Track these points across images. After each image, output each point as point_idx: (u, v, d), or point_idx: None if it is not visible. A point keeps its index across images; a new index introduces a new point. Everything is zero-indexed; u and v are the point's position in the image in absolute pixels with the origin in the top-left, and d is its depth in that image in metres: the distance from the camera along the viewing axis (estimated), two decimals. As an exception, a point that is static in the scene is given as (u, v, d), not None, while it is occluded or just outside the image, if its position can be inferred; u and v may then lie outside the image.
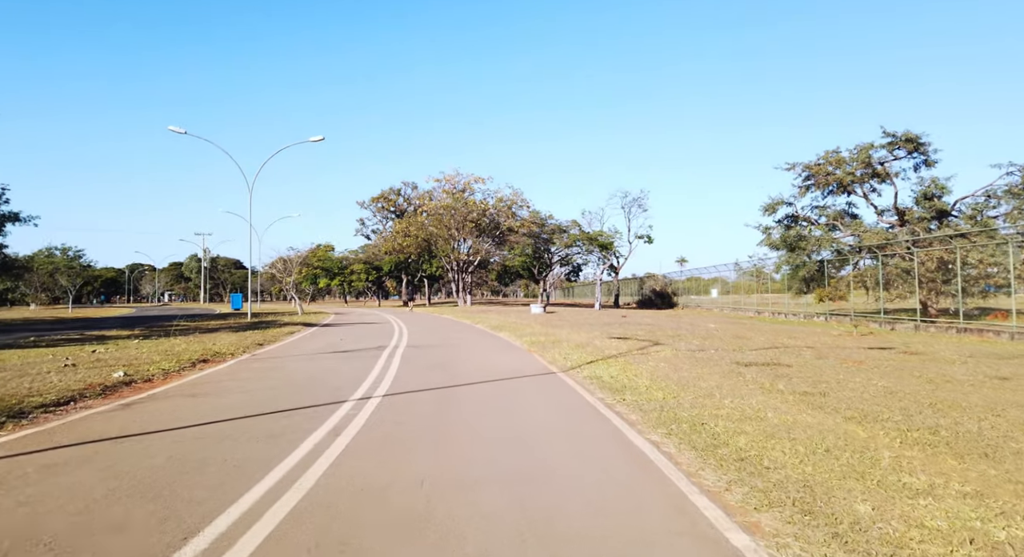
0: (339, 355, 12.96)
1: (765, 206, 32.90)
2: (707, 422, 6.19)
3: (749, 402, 7.19)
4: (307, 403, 7.36)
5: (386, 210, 63.07)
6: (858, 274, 24.86)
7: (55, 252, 79.92)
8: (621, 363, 10.88)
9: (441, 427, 6.11)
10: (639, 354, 12.35)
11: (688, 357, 11.80)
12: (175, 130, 28.35)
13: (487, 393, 8.24)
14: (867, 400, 7.34)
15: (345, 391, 8.27)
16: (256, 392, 8.19)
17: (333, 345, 15.31)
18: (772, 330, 20.48)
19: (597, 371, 10.11)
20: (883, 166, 27.93)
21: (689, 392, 7.93)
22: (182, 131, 28.51)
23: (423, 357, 12.64)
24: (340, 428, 6.03)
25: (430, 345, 15.45)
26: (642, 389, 8.29)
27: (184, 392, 8.19)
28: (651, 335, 17.38)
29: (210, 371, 10.32)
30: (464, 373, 10.20)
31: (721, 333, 18.48)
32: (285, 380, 9.30)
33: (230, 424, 6.24)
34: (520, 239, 52.46)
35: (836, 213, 30.74)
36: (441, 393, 8.20)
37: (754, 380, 8.92)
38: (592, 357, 11.94)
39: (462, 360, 12.15)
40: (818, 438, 5.46)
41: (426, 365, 11.28)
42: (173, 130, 28.33)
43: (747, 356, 12.09)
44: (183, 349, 13.11)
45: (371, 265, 69.37)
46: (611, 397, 7.94)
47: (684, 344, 14.56)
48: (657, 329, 20.05)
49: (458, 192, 51.72)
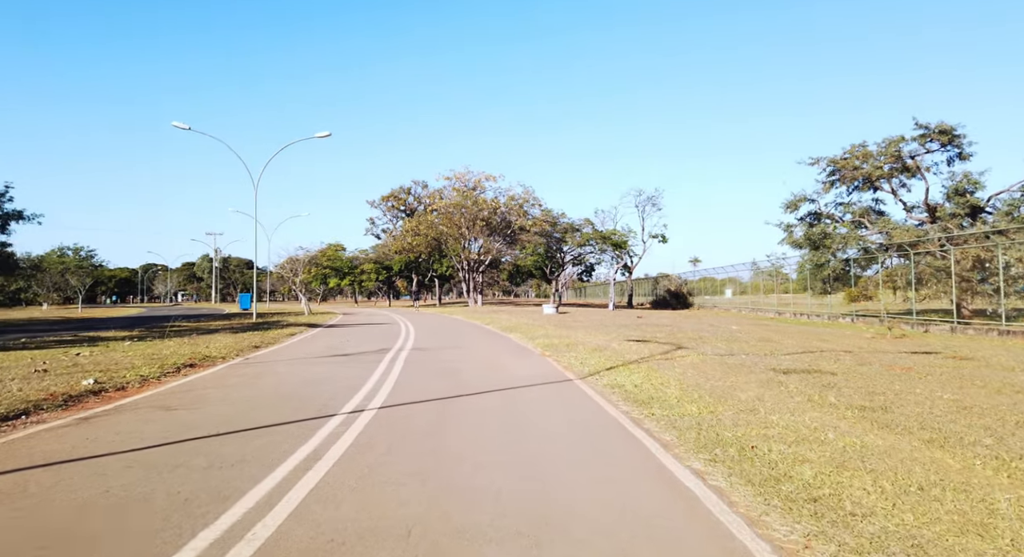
0: (338, 359, 12.07)
1: (787, 203, 31.67)
2: (758, 445, 5.18)
3: (801, 419, 6.17)
4: (291, 418, 6.44)
5: (396, 209, 62.34)
6: (888, 273, 23.59)
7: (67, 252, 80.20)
8: (644, 370, 9.87)
9: (440, 451, 5.16)
10: (663, 359, 11.33)
11: (717, 363, 10.76)
12: (179, 126, 27.73)
13: (495, 406, 7.28)
14: (938, 417, 6.29)
15: (336, 402, 7.34)
16: (237, 403, 7.29)
17: (334, 348, 14.43)
18: (799, 332, 19.33)
19: (618, 379, 9.12)
20: (914, 160, 26.61)
21: (727, 405, 6.91)
22: (186, 127, 27.89)
23: (428, 361, 11.71)
24: (321, 451, 5.10)
25: (436, 348, 14.53)
26: (672, 401, 7.29)
27: (156, 403, 7.31)
28: (672, 338, 16.33)
29: (194, 378, 9.46)
30: (471, 381, 9.25)
31: (746, 335, 17.37)
32: (273, 389, 8.41)
33: (195, 444, 5.34)
34: (532, 238, 51.43)
35: (862, 210, 29.44)
36: (443, 406, 7.25)
37: (799, 391, 7.88)
38: (611, 362, 10.93)
39: (469, 365, 11.21)
40: (903, 470, 4.43)
41: (430, 371, 10.35)
42: (177, 126, 27.71)
43: (782, 362, 11.03)
44: (171, 352, 12.28)
45: (381, 265, 68.71)
46: (637, 411, 6.95)
47: (710, 348, 13.51)
48: (677, 331, 18.98)
49: (468, 190, 50.81)
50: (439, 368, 10.69)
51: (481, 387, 8.58)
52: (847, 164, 28.15)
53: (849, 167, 27.86)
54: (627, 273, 53.86)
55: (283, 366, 10.86)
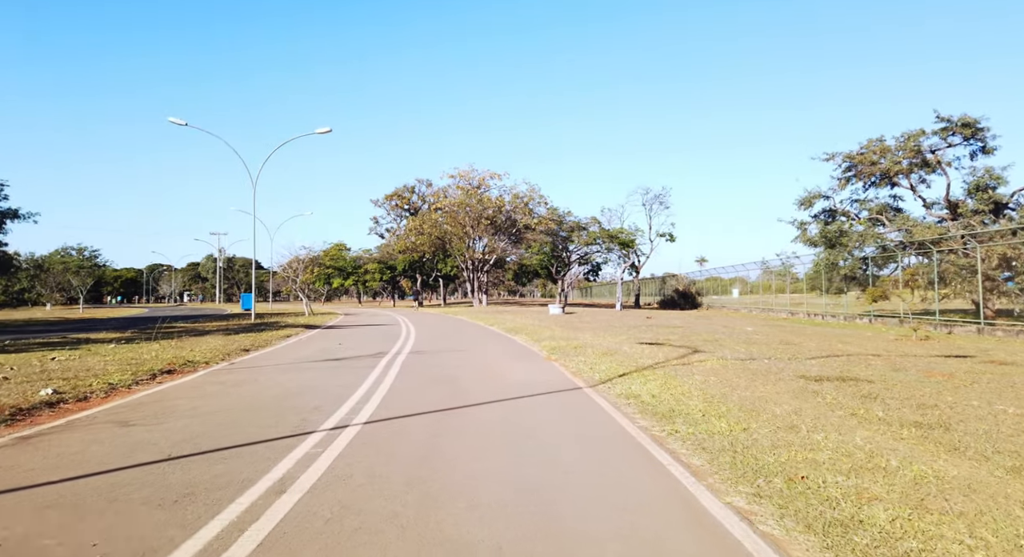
0: (330, 364, 11.27)
1: (801, 200, 30.71)
2: (808, 475, 4.33)
3: (851, 439, 5.30)
4: (263, 436, 5.63)
5: (400, 208, 61.58)
6: (910, 272, 22.59)
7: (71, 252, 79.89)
8: (660, 377, 9.01)
9: (429, 483, 4.33)
10: (679, 365, 10.46)
11: (740, 369, 9.88)
12: (176, 121, 27.06)
13: (497, 420, 6.45)
14: (1011, 437, 5.41)
15: (319, 416, 6.53)
16: (207, 417, 6.49)
17: (328, 351, 13.63)
18: (817, 334, 18.40)
19: (633, 387, 8.27)
20: (935, 154, 25.60)
21: (762, 421, 6.05)
22: (183, 123, 27.22)
23: (426, 367, 10.89)
24: (287, 481, 4.28)
25: (437, 351, 13.72)
26: (696, 415, 6.43)
27: (116, 417, 6.51)
28: (686, 340, 15.44)
29: (168, 386, 8.67)
30: (471, 389, 8.42)
31: (763, 338, 16.47)
32: (252, 399, 7.60)
33: (141, 472, 4.53)
34: (537, 237, 50.56)
35: (880, 206, 28.42)
36: (438, 420, 6.42)
37: (837, 402, 7.01)
38: (624, 368, 10.08)
39: (470, 371, 10.38)
40: (1000, 512, 3.57)
41: (427, 378, 9.52)
42: (174, 121, 27.04)
43: (809, 368, 10.14)
44: (153, 356, 11.52)
45: (385, 264, 68.02)
46: (658, 426, 6.11)
47: (728, 351, 12.62)
48: (690, 333, 18.09)
49: (473, 188, 49.99)
50: (437, 374, 9.87)
51: (481, 397, 7.75)
52: (864, 159, 27.16)
53: (866, 162, 26.87)
54: (634, 273, 52.91)
55: (269, 372, 10.05)
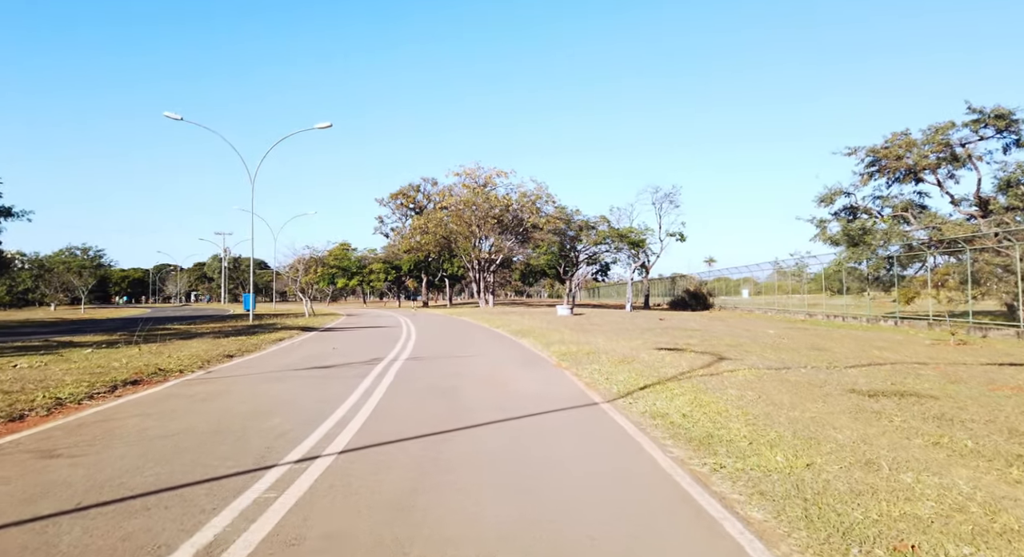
0: (317, 372, 10.20)
1: (820, 196, 29.42)
2: (918, 542, 3.19)
3: (952, 483, 4.15)
4: (209, 472, 4.55)
5: (405, 207, 60.54)
6: (941, 272, 21.31)
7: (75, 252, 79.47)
8: (688, 390, 7.87)
9: (408, 546, 3.22)
10: (707, 375, 9.31)
11: (777, 380, 8.72)
12: (171, 116, 26.15)
13: (500, 449, 5.34)
14: None
15: (285, 443, 5.45)
16: (152, 444, 5.42)
17: (318, 357, 12.57)
18: (846, 338, 17.16)
19: (658, 403, 7.14)
20: (965, 148, 24.27)
21: (826, 453, 4.91)
22: (178, 117, 26.32)
23: (423, 376, 9.79)
24: (215, 551, 3.19)
25: (437, 356, 12.63)
26: (741, 442, 5.30)
27: (43, 445, 5.45)
28: (707, 345, 14.27)
29: (125, 401, 7.61)
30: (471, 405, 7.32)
31: (790, 342, 15.27)
32: (215, 419, 6.52)
33: (24, 532, 3.45)
34: (545, 236, 49.37)
35: (904, 203, 27.10)
36: (429, 449, 5.31)
37: (909, 427, 5.85)
38: (644, 379, 8.94)
39: (472, 381, 9.27)
40: None
41: (423, 390, 8.42)
42: (169, 116, 26.13)
43: (854, 379, 8.96)
44: (123, 364, 10.48)
45: (390, 264, 67.10)
46: (697, 458, 4.98)
47: (756, 359, 11.46)
48: (709, 336, 16.90)
49: (479, 187, 48.88)
50: (435, 386, 8.76)
51: (483, 415, 6.64)
52: (889, 154, 25.84)
53: (892, 157, 25.55)
54: (644, 273, 51.65)
55: (246, 383, 8.98)
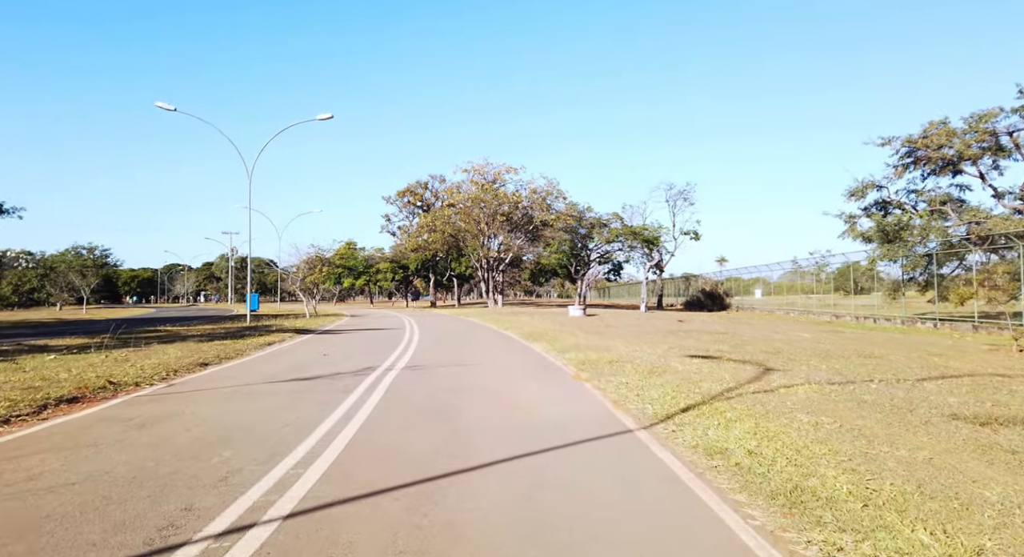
0: (296, 386, 8.74)
1: (850, 190, 27.67)
2: None
3: None
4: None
5: (412, 205, 59.16)
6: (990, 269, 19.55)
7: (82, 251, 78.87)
8: (744, 413, 6.33)
9: None
10: (759, 392, 7.75)
11: (850, 401, 7.14)
12: (163, 106, 24.88)
13: (510, 508, 3.84)
14: None
15: (218, 497, 3.98)
16: (26, 503, 3.96)
17: (304, 365, 11.12)
18: (891, 343, 15.47)
19: (711, 432, 5.62)
20: (1013, 136, 22.43)
21: (989, 525, 3.36)
22: (171, 108, 25.05)
23: (419, 391, 8.30)
24: None
25: (438, 365, 11.14)
26: (849, 501, 3.77)
27: None
28: (741, 351, 12.69)
29: (45, 427, 6.17)
30: (473, 433, 5.82)
31: (832, 347, 13.64)
32: (142, 456, 5.06)
33: None
34: (556, 234, 47.76)
35: (943, 197, 25.29)
36: (413, 508, 3.82)
37: (1072, 476, 4.27)
38: (685, 396, 7.40)
39: (476, 398, 7.78)
40: None
41: (416, 410, 6.94)
42: (161, 106, 24.86)
43: (941, 398, 7.36)
44: (72, 376, 9.05)
45: (398, 264, 65.78)
46: (794, 530, 3.46)
47: (807, 370, 9.86)
48: (740, 341, 15.29)
49: (487, 183, 47.34)
50: (431, 405, 7.27)
51: (488, 451, 5.14)
52: (928, 143, 24.05)
53: (932, 146, 23.75)
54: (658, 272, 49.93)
55: (206, 401, 7.53)
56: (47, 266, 66.72)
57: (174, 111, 25.15)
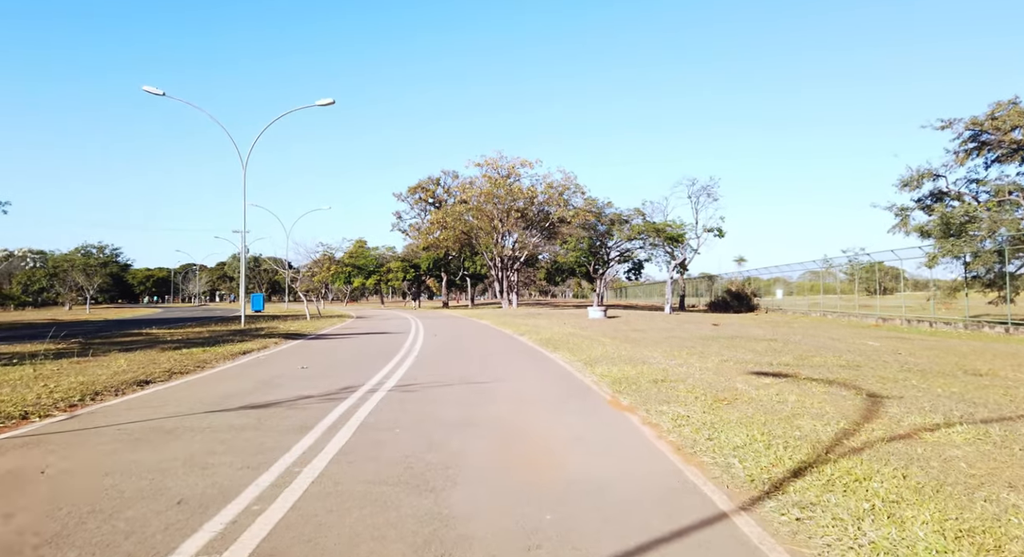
0: (240, 419, 6.52)
1: (904, 180, 24.96)
2: None
3: None
4: None
5: (424, 202, 57.03)
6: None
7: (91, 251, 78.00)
8: (903, 487, 3.98)
9: None
10: (890, 437, 5.36)
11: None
12: (152, 91, 22.97)
13: None
14: None
15: None
16: None
17: (267, 385, 8.91)
18: (982, 354, 12.89)
19: (866, 527, 3.27)
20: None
21: None
22: (160, 92, 23.13)
23: (403, 429, 6.02)
24: None
25: (437, 383, 8.89)
26: None
27: None
28: (814, 367, 10.25)
29: None
30: (471, 524, 3.53)
31: (919, 361, 11.15)
32: None
33: None
34: (573, 231, 45.28)
35: (1012, 185, 22.51)
36: None
37: None
38: (786, 447, 5.05)
39: (483, 442, 5.49)
40: None
41: (393, 467, 4.66)
42: (149, 91, 22.95)
43: None
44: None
45: (409, 263, 63.82)
46: None
47: (922, 397, 7.43)
48: (804, 352, 12.83)
49: (501, 178, 45.02)
50: (413, 457, 5.00)
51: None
52: (997, 125, 21.31)
53: (1003, 128, 21.01)
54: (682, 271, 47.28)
55: (94, 448, 5.33)
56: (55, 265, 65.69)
57: (163, 95, 23.23)
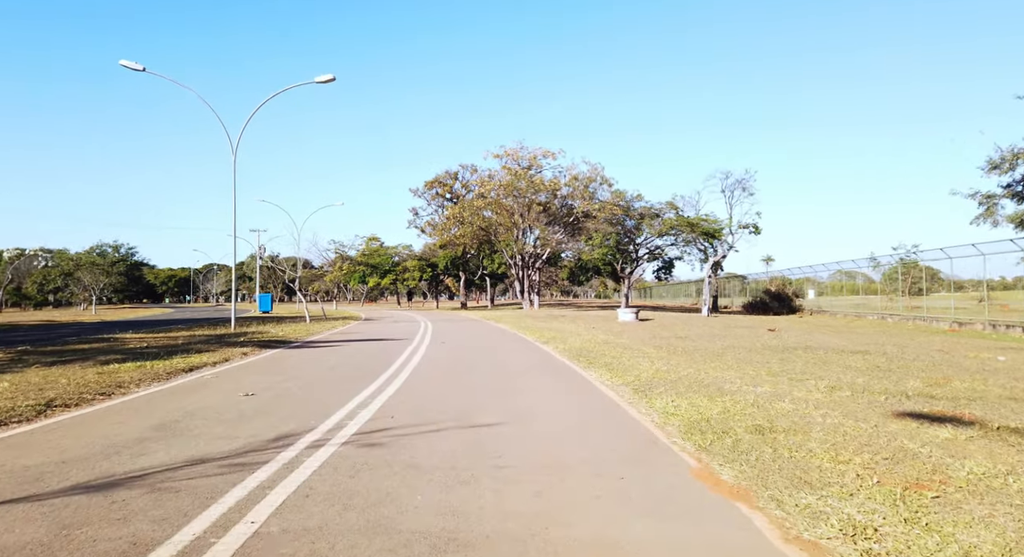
0: (30, 526, 3.70)
1: (991, 162, 21.39)
2: None
3: None
4: None
5: (442, 197, 54.41)
6: None
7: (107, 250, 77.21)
8: None
9: None
10: None
11: None
12: (130, 65, 20.56)
13: None
14: None
15: None
16: None
17: (160, 434, 6.10)
18: None
19: None
20: None
21: None
22: (140, 68, 20.73)
23: (353, 531, 3.12)
24: None
25: (422, 427, 5.98)
26: None
27: None
28: (973, 401, 7.12)
29: None
30: None
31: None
32: None
33: None
34: (599, 226, 42.16)
35: None
36: None
37: None
38: None
39: None
40: None
41: None
42: (126, 65, 20.55)
43: None
44: None
45: (426, 262, 61.29)
46: None
47: None
48: (926, 371, 9.63)
49: (522, 170, 42.10)
50: None
51: None
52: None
53: None
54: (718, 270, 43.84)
55: None
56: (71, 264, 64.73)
57: (143, 71, 20.80)
